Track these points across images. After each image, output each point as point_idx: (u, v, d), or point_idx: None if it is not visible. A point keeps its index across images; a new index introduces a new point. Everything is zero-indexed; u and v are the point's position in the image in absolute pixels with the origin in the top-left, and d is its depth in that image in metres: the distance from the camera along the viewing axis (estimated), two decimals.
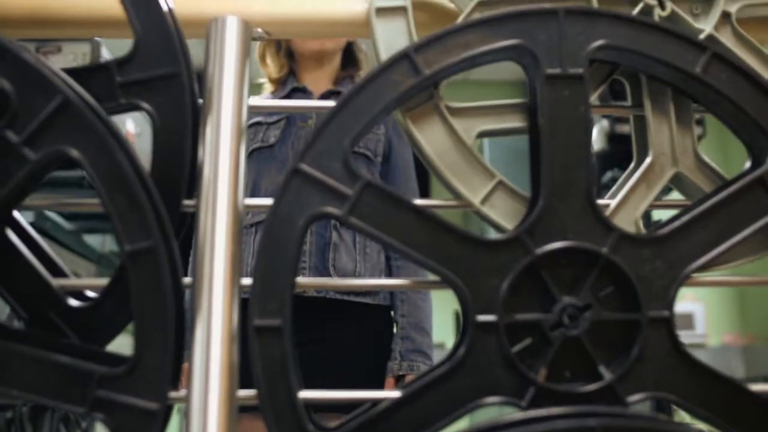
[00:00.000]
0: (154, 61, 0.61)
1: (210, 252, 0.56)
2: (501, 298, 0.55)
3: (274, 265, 0.55)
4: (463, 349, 0.55)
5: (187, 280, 0.57)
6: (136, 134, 2.36)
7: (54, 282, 0.63)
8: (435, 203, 0.63)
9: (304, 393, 0.54)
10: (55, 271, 0.65)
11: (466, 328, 0.55)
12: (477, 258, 0.56)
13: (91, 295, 0.65)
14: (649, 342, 0.55)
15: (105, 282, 0.62)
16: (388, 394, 0.55)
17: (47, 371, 0.53)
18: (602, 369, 0.55)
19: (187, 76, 0.61)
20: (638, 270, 0.56)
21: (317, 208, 0.56)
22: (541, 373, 0.55)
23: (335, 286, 0.84)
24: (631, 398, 0.55)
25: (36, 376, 0.53)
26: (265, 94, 1.54)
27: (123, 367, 0.53)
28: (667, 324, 0.56)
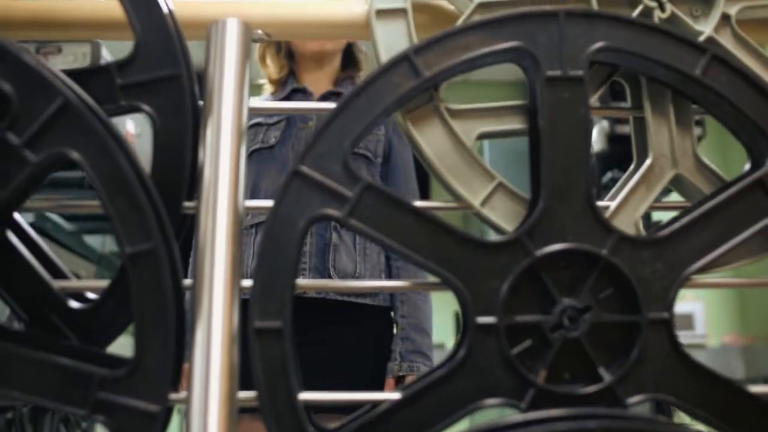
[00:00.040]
0: (155, 63, 0.61)
1: (210, 254, 0.57)
2: (501, 300, 0.55)
3: (275, 267, 0.55)
4: (463, 351, 0.55)
5: (187, 282, 0.57)
6: (136, 135, 2.36)
7: (54, 284, 0.63)
8: (435, 205, 0.64)
9: (305, 395, 0.54)
10: (56, 273, 0.66)
11: (466, 330, 0.55)
12: (477, 260, 0.56)
13: (92, 297, 0.66)
14: (649, 344, 0.55)
15: (105, 284, 0.62)
16: (388, 396, 0.55)
17: (48, 373, 0.53)
18: (602, 371, 0.55)
19: (188, 78, 0.61)
20: (638, 272, 0.56)
21: (317, 210, 0.56)
22: (541, 375, 0.55)
23: (335, 288, 0.84)
24: (631, 400, 0.55)
25: (37, 378, 0.53)
26: (265, 95, 1.54)
27: (123, 369, 0.54)
28: (667, 326, 0.56)
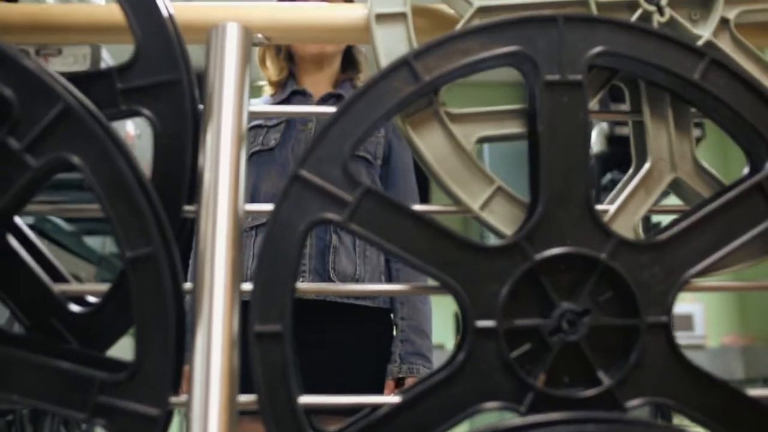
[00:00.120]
0: (155, 68, 0.61)
1: (210, 258, 0.57)
2: (500, 304, 0.55)
3: (275, 271, 0.55)
4: (462, 355, 0.55)
5: (187, 286, 0.57)
6: (136, 136, 2.37)
7: (55, 287, 0.63)
8: (434, 209, 0.64)
9: (305, 398, 0.54)
10: (56, 276, 0.66)
11: (466, 334, 0.56)
12: (476, 264, 0.56)
13: (92, 301, 0.66)
14: (648, 347, 0.56)
15: (106, 287, 0.62)
16: (388, 400, 0.55)
17: (48, 377, 0.53)
18: (601, 374, 0.55)
19: (188, 82, 0.61)
20: (637, 275, 0.56)
21: (317, 214, 0.56)
22: (540, 379, 0.55)
23: (336, 292, 0.84)
24: (630, 403, 0.55)
25: (37, 382, 0.53)
26: (265, 97, 1.54)
27: (124, 372, 0.54)
28: (666, 329, 0.56)
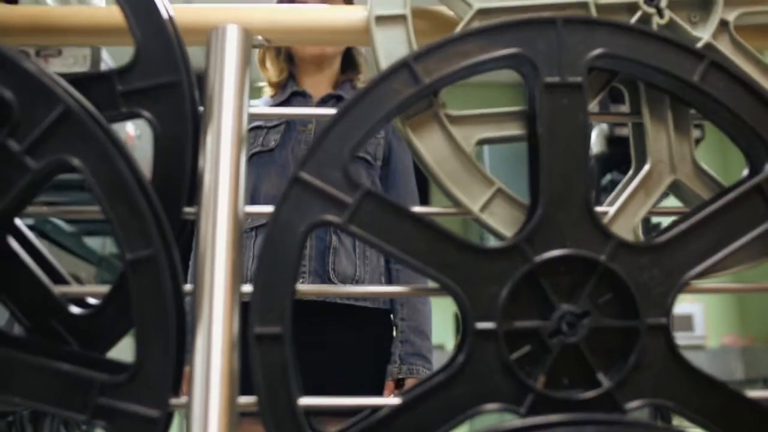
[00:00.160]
0: (155, 70, 0.61)
1: (210, 259, 0.57)
2: (500, 306, 0.55)
3: (275, 273, 0.55)
4: (462, 357, 0.55)
5: (187, 287, 0.57)
6: (136, 136, 2.37)
7: (55, 289, 0.64)
8: (434, 211, 0.64)
9: (305, 400, 0.54)
10: (57, 278, 0.66)
11: (465, 336, 0.56)
12: (476, 266, 0.56)
13: (93, 302, 0.66)
14: (647, 349, 0.56)
15: (106, 289, 0.62)
16: (388, 401, 0.55)
17: (49, 379, 0.54)
18: (600, 376, 0.55)
19: (188, 84, 0.61)
20: (636, 277, 0.56)
21: (317, 216, 0.56)
22: (540, 380, 0.55)
23: (336, 294, 0.85)
24: (630, 405, 0.55)
25: (38, 384, 0.54)
26: (265, 98, 1.54)
27: (124, 374, 0.54)
28: (665, 331, 0.56)
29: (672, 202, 0.70)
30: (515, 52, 0.59)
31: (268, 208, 0.58)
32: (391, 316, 1.44)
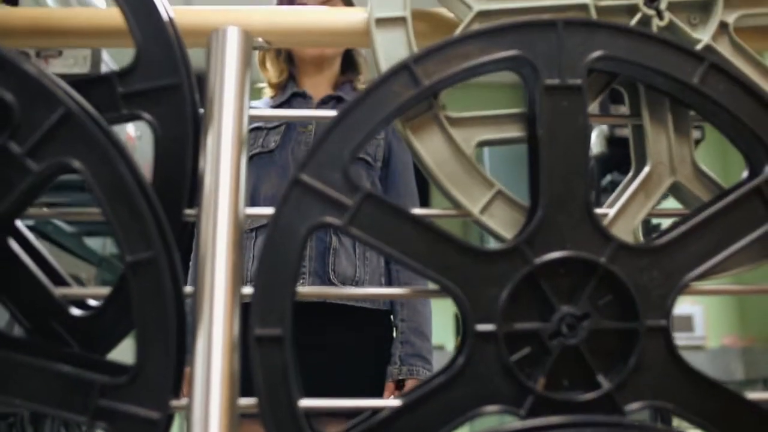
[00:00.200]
0: (156, 72, 0.61)
1: (211, 261, 0.57)
2: (500, 308, 0.55)
3: (275, 275, 0.55)
4: (462, 358, 0.55)
5: (188, 289, 0.57)
6: (136, 137, 2.37)
7: (56, 290, 0.64)
8: (434, 213, 0.64)
9: (305, 401, 0.54)
10: (57, 280, 0.66)
11: (466, 337, 0.56)
12: (476, 267, 0.56)
13: (93, 304, 0.66)
14: (647, 351, 0.56)
15: (107, 291, 0.62)
16: (388, 403, 0.55)
17: (49, 381, 0.54)
18: (600, 378, 0.56)
19: (189, 86, 0.62)
20: (636, 279, 0.57)
21: (318, 219, 0.56)
22: (540, 382, 0.55)
23: (336, 295, 0.85)
24: (629, 407, 0.55)
25: (38, 386, 0.54)
26: (265, 99, 1.55)
27: (125, 376, 0.54)
28: (665, 333, 0.56)
29: (672, 204, 0.70)
30: (515, 54, 0.59)
31: (269, 211, 0.58)
32: (391, 317, 1.44)
